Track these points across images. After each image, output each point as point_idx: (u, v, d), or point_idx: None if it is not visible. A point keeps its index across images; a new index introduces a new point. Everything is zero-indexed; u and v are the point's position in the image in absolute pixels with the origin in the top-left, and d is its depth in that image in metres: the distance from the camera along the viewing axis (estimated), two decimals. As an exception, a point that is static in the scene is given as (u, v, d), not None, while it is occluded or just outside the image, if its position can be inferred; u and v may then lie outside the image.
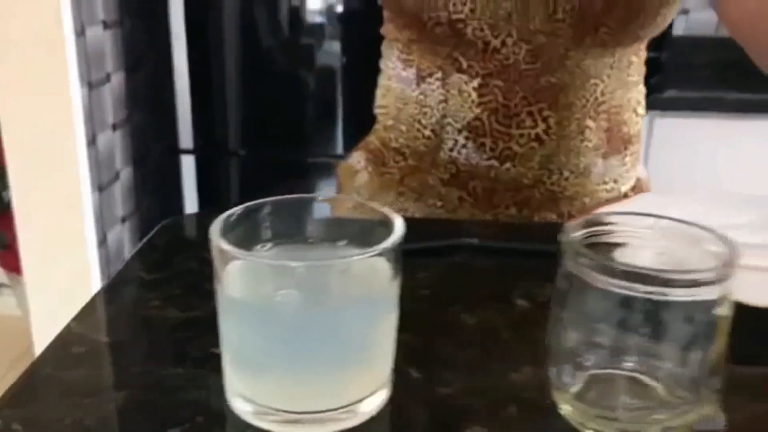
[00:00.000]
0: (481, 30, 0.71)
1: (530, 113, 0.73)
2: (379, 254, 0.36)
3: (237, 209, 0.39)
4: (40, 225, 1.69)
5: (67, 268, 1.73)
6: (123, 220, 1.87)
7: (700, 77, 2.17)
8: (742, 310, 0.38)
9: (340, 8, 1.81)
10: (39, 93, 1.57)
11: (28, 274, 1.77)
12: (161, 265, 0.59)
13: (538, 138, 0.74)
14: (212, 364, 0.41)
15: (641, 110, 0.82)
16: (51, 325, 1.75)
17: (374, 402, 0.39)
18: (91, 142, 1.67)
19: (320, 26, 1.84)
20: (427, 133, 0.78)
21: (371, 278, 0.37)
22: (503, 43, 0.71)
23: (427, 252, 0.58)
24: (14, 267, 2.23)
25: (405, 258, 0.38)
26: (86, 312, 0.51)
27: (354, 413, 0.38)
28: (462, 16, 0.70)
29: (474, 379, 0.42)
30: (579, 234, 0.37)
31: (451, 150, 0.77)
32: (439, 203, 0.80)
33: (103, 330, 0.50)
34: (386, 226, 0.38)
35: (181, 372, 0.43)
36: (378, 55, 0.84)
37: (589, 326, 0.36)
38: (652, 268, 0.34)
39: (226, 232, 0.37)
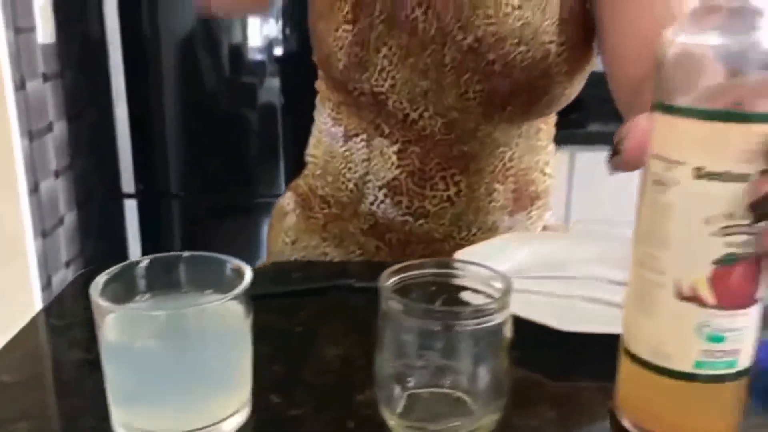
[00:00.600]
0: (401, 103, 0.79)
1: (443, 177, 0.82)
2: (233, 299, 0.44)
3: (116, 267, 0.47)
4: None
5: (11, 313, 1.77)
6: (67, 264, 1.92)
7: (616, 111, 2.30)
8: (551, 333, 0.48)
9: (279, 49, 1.89)
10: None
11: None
12: (71, 312, 0.66)
13: (449, 199, 0.83)
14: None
15: (549, 170, 0.91)
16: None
17: (234, 422, 0.46)
18: (34, 189, 1.72)
19: (261, 65, 1.92)
20: (351, 186, 0.86)
21: (227, 318, 0.45)
22: (421, 116, 0.79)
23: (309, 292, 0.67)
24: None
25: (288, 298, 0.46)
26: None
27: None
28: (383, 89, 0.79)
29: (324, 401, 0.50)
30: (391, 280, 0.46)
31: (372, 204, 0.85)
32: (358, 250, 0.88)
33: (10, 371, 0.56)
34: (240, 275, 0.46)
35: (79, 403, 0.50)
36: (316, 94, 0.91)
37: (403, 354, 0.45)
38: (442, 308, 0.42)
39: (107, 286, 0.45)
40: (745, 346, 0.42)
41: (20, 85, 1.65)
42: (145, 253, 1.95)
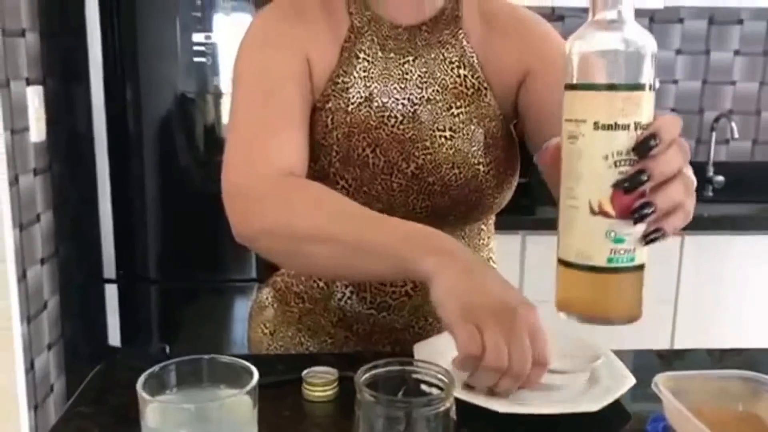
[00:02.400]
0: None
1: None
2: (246, 393, 0.59)
3: (155, 368, 0.61)
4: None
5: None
6: (49, 347, 2.01)
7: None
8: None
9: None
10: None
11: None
12: (97, 400, 0.78)
13: (407, 294, 0.98)
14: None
15: (492, 263, 1.06)
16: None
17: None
18: (22, 277, 1.83)
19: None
20: (321, 285, 1.01)
21: (240, 408, 0.59)
22: None
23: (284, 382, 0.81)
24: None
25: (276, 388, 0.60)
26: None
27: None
28: None
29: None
30: (365, 375, 0.60)
31: (340, 300, 0.99)
32: (329, 340, 1.02)
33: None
34: (249, 373, 0.61)
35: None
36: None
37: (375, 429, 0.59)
38: (403, 398, 0.57)
39: (147, 382, 0.59)
40: (638, 245, 0.60)
41: (14, 181, 1.78)
42: (123, 335, 2.05)
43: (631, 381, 0.76)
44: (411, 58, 0.94)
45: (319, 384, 0.77)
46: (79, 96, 2.01)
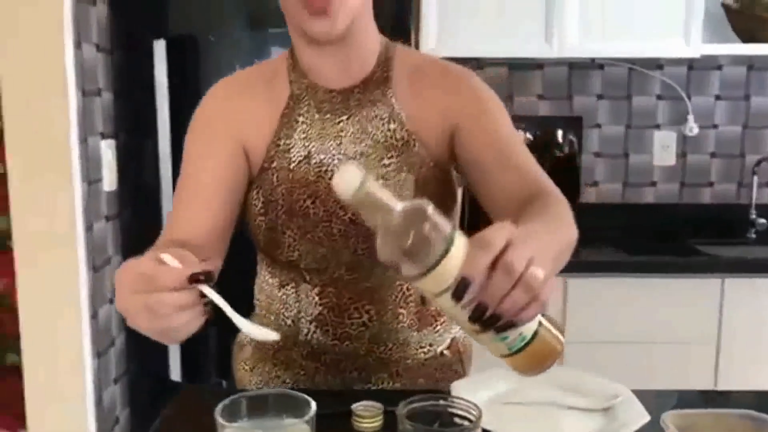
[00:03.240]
0: (309, 264, 1.07)
1: (356, 308, 1.08)
2: (305, 422, 0.69)
3: (227, 400, 0.72)
4: (45, 385, 1.97)
5: (67, 426, 1.99)
6: (115, 381, 2.15)
7: (610, 239, 2.55)
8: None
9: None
10: (52, 276, 1.90)
11: (32, 430, 2.01)
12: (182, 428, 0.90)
13: (364, 324, 1.09)
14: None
15: None
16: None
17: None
18: (93, 315, 1.98)
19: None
20: (289, 322, 1.12)
21: (300, 435, 0.70)
22: (327, 267, 1.06)
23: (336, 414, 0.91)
24: (9, 426, 2.45)
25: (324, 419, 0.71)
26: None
27: None
28: (294, 258, 1.07)
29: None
30: (406, 408, 0.70)
31: (306, 335, 1.10)
32: (302, 372, 1.13)
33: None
34: (308, 405, 0.71)
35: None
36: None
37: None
38: (436, 428, 0.67)
39: (224, 410, 0.70)
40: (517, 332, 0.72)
41: (89, 227, 1.94)
42: (183, 371, 2.18)
43: (646, 418, 0.84)
44: (345, 117, 1.05)
45: (367, 416, 0.87)
46: (147, 149, 2.18)
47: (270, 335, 0.78)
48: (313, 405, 0.71)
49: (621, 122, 2.74)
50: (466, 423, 0.70)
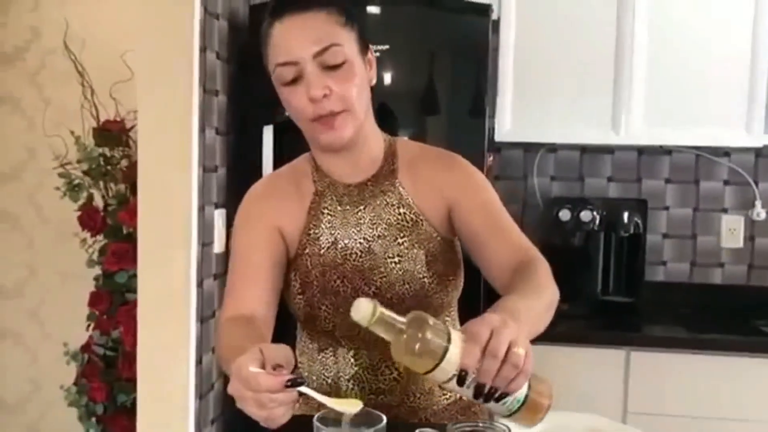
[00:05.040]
0: (343, 332, 1.26)
1: (387, 366, 1.28)
2: (375, 430, 0.91)
3: (321, 413, 0.95)
4: (154, 424, 2.23)
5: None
6: (212, 421, 2.41)
7: (675, 317, 2.65)
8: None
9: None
10: (168, 325, 2.19)
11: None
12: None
13: (395, 379, 1.28)
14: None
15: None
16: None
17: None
18: (198, 361, 2.26)
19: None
20: (330, 381, 1.32)
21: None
22: (358, 334, 1.22)
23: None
24: (117, 461, 2.73)
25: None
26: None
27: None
28: (329, 329, 1.27)
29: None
30: (454, 427, 0.91)
31: (345, 390, 1.29)
32: None
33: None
34: (379, 420, 0.93)
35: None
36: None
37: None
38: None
39: (320, 419, 0.93)
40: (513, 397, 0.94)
41: (199, 284, 2.24)
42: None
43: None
44: (362, 207, 1.27)
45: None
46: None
47: (355, 408, 0.97)
48: (384, 418, 0.93)
49: (689, 205, 2.86)
50: (501, 438, 0.90)
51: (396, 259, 1.25)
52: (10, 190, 3.17)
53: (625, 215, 2.63)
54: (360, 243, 1.27)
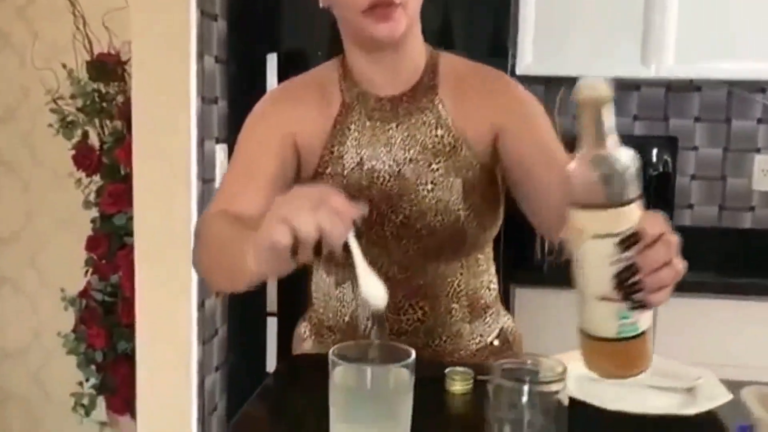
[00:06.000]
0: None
1: (411, 305, 1.15)
2: (404, 366, 0.78)
3: (339, 346, 0.81)
4: (154, 371, 2.13)
5: (171, 408, 2.14)
6: (216, 368, 2.30)
7: (703, 263, 2.52)
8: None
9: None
10: (167, 267, 2.07)
11: (140, 412, 2.18)
12: (282, 396, 1.00)
13: (419, 320, 1.15)
14: None
15: (493, 285, 1.22)
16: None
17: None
18: (200, 305, 2.14)
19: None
20: (347, 319, 1.19)
21: (399, 379, 0.78)
22: (382, 265, 1.10)
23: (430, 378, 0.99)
24: (119, 410, 2.64)
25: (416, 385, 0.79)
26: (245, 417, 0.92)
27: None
28: (349, 260, 1.11)
29: (453, 438, 0.82)
30: (499, 366, 0.77)
31: (364, 330, 1.17)
32: None
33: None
34: (408, 355, 0.80)
35: None
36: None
37: (502, 407, 0.76)
38: (525, 378, 0.74)
39: (335, 353, 0.79)
40: (638, 317, 0.74)
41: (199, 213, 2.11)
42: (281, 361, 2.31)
43: (728, 396, 0.88)
44: (394, 125, 1.12)
45: (460, 379, 0.95)
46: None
47: (380, 299, 0.82)
48: (413, 353, 0.80)
49: (719, 145, 2.71)
50: (553, 377, 0.76)
51: (429, 187, 1.11)
52: (4, 133, 3.02)
53: (654, 153, 2.48)
54: (389, 166, 1.12)
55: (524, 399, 0.74)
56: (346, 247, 0.79)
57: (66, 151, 2.62)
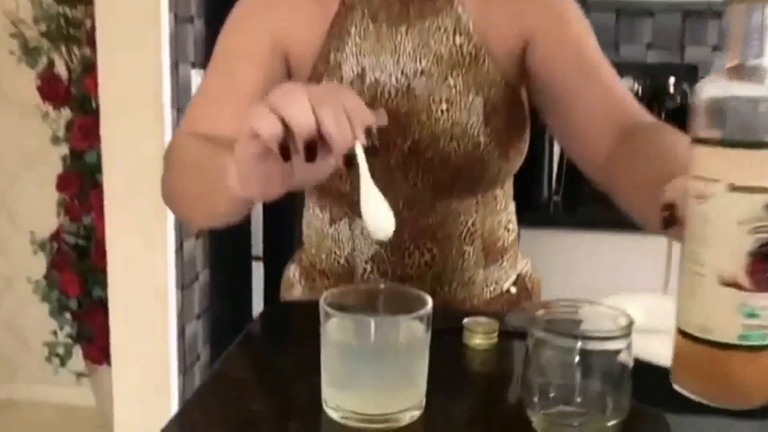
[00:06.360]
0: None
1: (417, 247, 0.96)
2: (418, 318, 0.60)
3: (333, 290, 0.63)
4: (129, 319, 1.96)
5: (149, 358, 1.98)
6: (198, 316, 2.13)
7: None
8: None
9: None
10: (139, 208, 1.88)
11: (116, 362, 2.02)
12: (266, 343, 0.83)
13: (426, 264, 0.97)
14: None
15: (512, 226, 1.05)
16: (131, 406, 1.99)
17: (408, 415, 0.61)
18: (179, 248, 1.96)
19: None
20: (342, 261, 1.01)
21: (413, 332, 0.61)
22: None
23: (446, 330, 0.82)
24: (96, 358, 2.49)
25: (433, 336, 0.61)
26: (218, 371, 0.75)
27: (397, 420, 0.60)
28: (346, 191, 0.94)
29: (477, 405, 0.64)
30: (541, 314, 0.60)
31: (362, 275, 0.99)
32: None
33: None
34: (423, 303, 0.62)
35: (295, 394, 0.66)
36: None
37: (544, 369, 0.59)
38: (581, 331, 0.56)
39: (327, 301, 0.61)
40: None
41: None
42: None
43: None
44: (403, 29, 0.92)
45: (482, 332, 0.77)
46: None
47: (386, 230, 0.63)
48: (429, 301, 0.62)
49: (738, 75, 2.52)
50: (616, 332, 0.58)
51: (444, 106, 0.91)
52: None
53: (671, 83, 2.28)
54: (396, 79, 0.92)
55: (576, 359, 0.57)
56: (348, 161, 0.60)
57: (31, 82, 2.41)
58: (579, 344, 0.56)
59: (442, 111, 0.91)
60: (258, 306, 2.15)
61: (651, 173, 0.69)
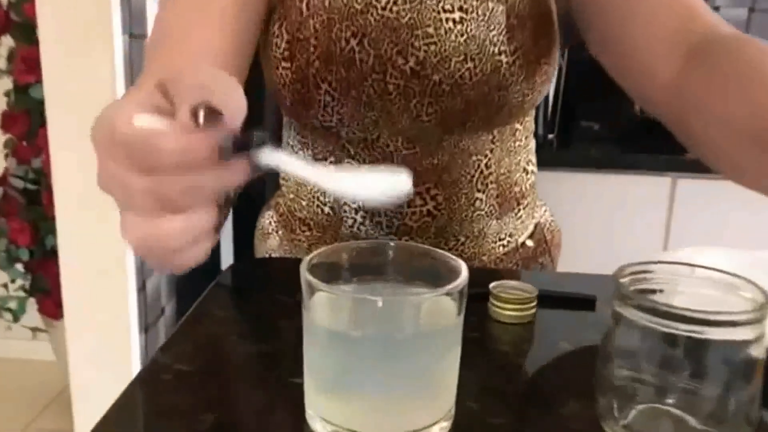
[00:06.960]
0: (354, 133, 0.75)
1: (419, 192, 0.77)
2: (447, 294, 0.41)
3: (325, 249, 0.44)
4: (83, 271, 1.76)
5: (107, 314, 1.80)
6: (161, 268, 1.94)
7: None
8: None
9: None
10: (84, 145, 1.66)
11: (69, 319, 1.83)
12: (233, 304, 0.64)
13: (429, 213, 0.78)
14: (290, 390, 0.46)
15: (531, 167, 0.87)
16: (88, 367, 1.81)
17: (439, 427, 0.43)
18: (136, 193, 1.75)
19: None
20: (327, 210, 0.82)
21: (439, 315, 0.42)
22: (379, 137, 0.75)
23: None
24: (52, 313, 2.31)
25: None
26: (169, 344, 0.56)
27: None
28: (332, 123, 0.75)
29: (525, 412, 0.47)
30: (626, 279, 0.42)
31: (351, 227, 0.81)
32: None
33: (184, 360, 0.54)
34: (453, 270, 0.43)
35: (266, 394, 0.48)
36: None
37: (635, 364, 0.41)
38: (692, 309, 0.38)
39: (313, 264, 0.42)
40: None
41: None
42: (237, 255, 1.95)
43: None
44: None
45: (513, 301, 0.59)
46: None
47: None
48: (463, 269, 0.43)
49: (743, 4, 2.36)
50: (744, 317, 0.40)
51: (456, 16, 0.71)
52: None
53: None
54: None
55: (683, 353, 0.39)
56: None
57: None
58: (691, 331, 0.38)
59: (454, 22, 0.71)
60: (227, 254, 1.96)
61: (744, 104, 0.52)
